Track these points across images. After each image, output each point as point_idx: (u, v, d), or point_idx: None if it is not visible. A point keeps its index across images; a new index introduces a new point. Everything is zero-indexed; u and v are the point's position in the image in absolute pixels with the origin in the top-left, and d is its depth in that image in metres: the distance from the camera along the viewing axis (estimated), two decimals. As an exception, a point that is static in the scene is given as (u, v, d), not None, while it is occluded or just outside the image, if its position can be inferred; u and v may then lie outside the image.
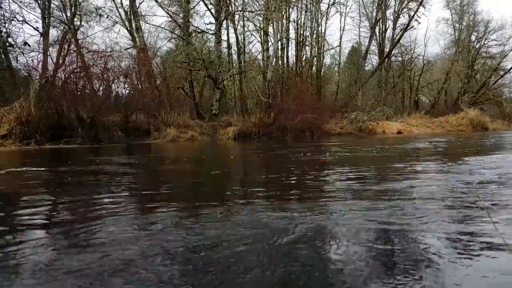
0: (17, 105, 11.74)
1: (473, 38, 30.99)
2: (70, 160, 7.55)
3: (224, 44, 21.31)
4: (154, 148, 11.83)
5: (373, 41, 27.47)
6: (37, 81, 12.51)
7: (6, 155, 8.88)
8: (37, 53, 15.42)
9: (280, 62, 23.11)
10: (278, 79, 21.63)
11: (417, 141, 11.98)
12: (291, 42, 23.87)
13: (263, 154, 8.64)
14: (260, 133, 16.24)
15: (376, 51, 28.50)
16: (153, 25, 20.25)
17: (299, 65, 23.60)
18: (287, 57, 23.74)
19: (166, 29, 20.47)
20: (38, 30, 15.87)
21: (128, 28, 18.66)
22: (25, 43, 12.53)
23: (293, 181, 3.99)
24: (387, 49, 27.43)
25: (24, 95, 11.94)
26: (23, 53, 12.72)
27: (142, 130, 15.45)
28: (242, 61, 21.89)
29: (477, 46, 30.72)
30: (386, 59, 27.23)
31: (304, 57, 24.30)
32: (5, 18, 13.92)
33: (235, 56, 22.69)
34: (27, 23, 15.53)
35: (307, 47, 24.53)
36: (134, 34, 18.35)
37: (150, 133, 15.42)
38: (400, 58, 29.28)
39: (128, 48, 18.53)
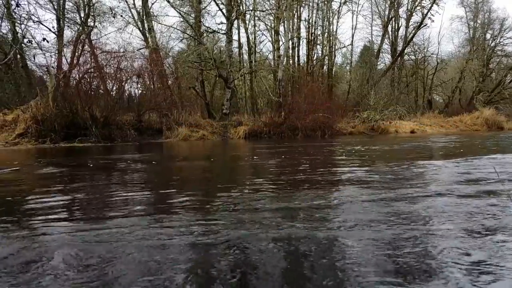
0: (33, 104, 11.98)
1: (488, 36, 30.46)
2: (91, 157, 7.68)
3: (235, 44, 21.39)
4: (167, 146, 11.93)
5: (385, 39, 27.22)
6: (55, 77, 12.73)
7: (24, 153, 9.07)
8: (52, 53, 15.71)
9: (291, 61, 23.07)
10: (289, 78, 21.60)
11: (431, 140, 11.83)
12: (302, 41, 23.83)
13: (277, 153, 8.65)
14: (270, 133, 16.24)
15: (389, 49, 28.23)
16: (165, 25, 20.51)
17: (310, 64, 23.51)
18: (298, 56, 23.70)
19: (178, 29, 20.62)
20: (52, 31, 16.17)
21: (141, 29, 18.87)
22: (44, 39, 12.74)
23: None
24: (399, 48, 27.14)
25: (40, 94, 12.18)
26: (41, 49, 12.95)
27: (155, 129, 15.60)
28: (253, 61, 21.91)
29: (492, 44, 30.16)
30: (399, 58, 26.94)
31: (315, 56, 24.22)
32: (22, 18, 14.20)
33: (246, 56, 22.76)
34: (42, 24, 15.86)
35: (318, 46, 24.44)
36: (147, 34, 18.55)
37: (162, 132, 15.56)
38: (413, 57, 28.93)
39: (140, 49, 18.73)
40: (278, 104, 18.23)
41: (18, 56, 15.50)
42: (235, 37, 21.05)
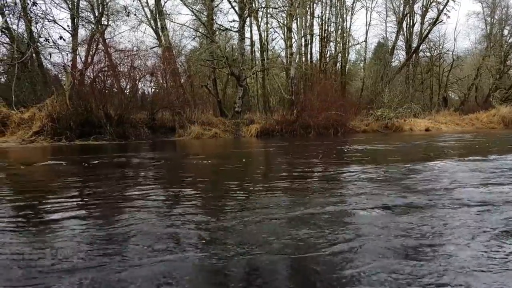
0: (49, 103, 12.15)
1: (505, 32, 29.64)
2: (109, 154, 7.74)
3: (247, 42, 21.35)
4: (180, 144, 11.97)
5: (400, 36, 26.77)
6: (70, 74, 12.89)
7: (40, 151, 9.20)
8: (67, 52, 15.88)
9: (303, 58, 22.91)
10: (302, 76, 21.45)
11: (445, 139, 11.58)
12: (315, 38, 23.64)
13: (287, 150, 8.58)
14: (283, 131, 16.15)
15: (403, 46, 27.76)
16: (177, 23, 20.52)
17: (323, 61, 23.30)
18: (311, 54, 23.51)
19: (190, 28, 20.68)
20: (67, 30, 16.33)
21: (154, 27, 18.97)
22: (60, 37, 12.92)
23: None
24: (414, 44, 26.66)
25: (55, 93, 12.34)
26: (58, 48, 13.12)
27: (168, 127, 15.69)
28: (265, 58, 21.84)
29: (510, 40, 29.35)
30: (414, 55, 26.48)
31: (328, 53, 23.99)
32: (37, 17, 14.37)
33: (258, 54, 22.71)
34: (57, 23, 16.04)
35: (331, 43, 24.22)
36: (159, 32, 18.62)
37: (175, 130, 15.64)
38: (428, 54, 28.37)
39: (153, 47, 18.85)
40: (291, 102, 18.13)
41: (34, 55, 15.70)
42: (247, 34, 21.04)
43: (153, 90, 18.73)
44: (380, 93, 21.66)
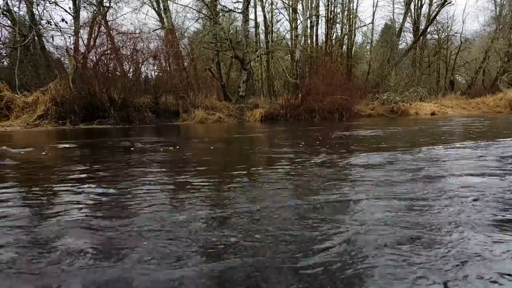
0: (52, 86, 12.08)
1: (515, 14, 28.89)
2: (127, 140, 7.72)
3: (252, 23, 20.96)
4: (184, 129, 11.93)
5: (407, 18, 26.19)
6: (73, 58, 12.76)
7: (44, 134, 9.20)
8: (69, 35, 15.69)
9: (309, 41, 22.52)
10: (307, 58, 21.14)
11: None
12: (321, 20, 23.15)
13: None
14: (287, 115, 16.03)
15: (411, 28, 27.20)
16: (180, 5, 20.14)
17: (329, 44, 22.89)
18: (317, 36, 23.08)
19: (193, 9, 20.31)
20: (69, 12, 16.08)
21: (156, 9, 18.66)
22: (62, 20, 12.73)
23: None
24: (422, 27, 26.09)
25: (58, 76, 12.26)
26: (60, 31, 12.95)
27: (172, 111, 15.62)
28: (270, 41, 21.50)
29: (520, 22, 28.64)
30: (421, 37, 25.95)
31: (334, 36, 23.54)
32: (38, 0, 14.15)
33: (262, 36, 22.32)
34: (58, 5, 15.79)
35: (337, 25, 23.73)
36: (162, 14, 18.33)
37: (179, 115, 15.58)
38: (436, 36, 27.82)
39: (156, 29, 18.57)
40: (295, 86, 17.93)
41: (36, 38, 15.54)
42: (251, 16, 20.60)
43: (156, 73, 18.60)
44: (386, 76, 21.35)
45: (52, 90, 11.87)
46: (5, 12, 13.74)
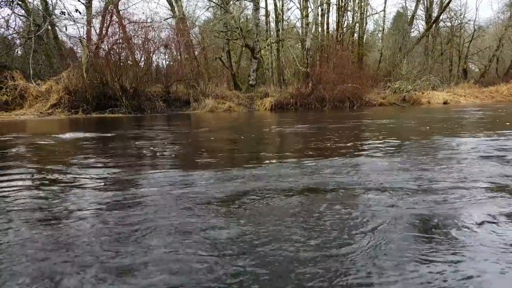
0: (65, 76, 12.26)
1: (531, 0, 28.08)
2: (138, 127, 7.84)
3: (262, 12, 20.80)
4: (195, 118, 12.01)
5: (420, 5, 25.70)
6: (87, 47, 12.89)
7: (57, 123, 9.37)
8: (82, 24, 15.82)
9: (319, 29, 22.28)
10: (317, 47, 20.96)
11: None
12: (332, 8, 22.85)
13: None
14: (297, 104, 16.00)
15: (423, 16, 26.71)
16: (191, -7, 20.02)
17: (340, 32, 22.62)
18: (327, 24, 22.79)
19: (203, -3, 20.21)
20: (82, 1, 16.19)
21: (167, -3, 18.65)
22: (76, 10, 12.86)
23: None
24: (435, 14, 25.60)
25: (72, 65, 12.42)
26: (74, 21, 13.08)
27: (182, 100, 15.72)
28: (280, 29, 21.33)
29: (536, 9, 27.84)
30: (434, 25, 25.45)
31: (345, 23, 23.24)
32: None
33: (273, 24, 22.17)
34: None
35: (349, 13, 23.41)
36: (173, 3, 18.31)
37: (190, 104, 15.67)
38: (448, 24, 27.29)
39: (167, 18, 18.59)
40: (306, 75, 17.84)
41: (49, 27, 15.69)
42: (262, 4, 20.45)
43: (167, 62, 18.65)
44: (398, 64, 21.07)
45: (65, 79, 12.05)
46: (19, 2, 13.88)
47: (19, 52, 17.97)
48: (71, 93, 11.94)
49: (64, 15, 12.56)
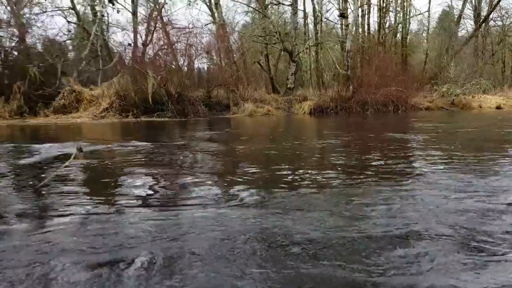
0: (115, 81, 12.85)
1: None
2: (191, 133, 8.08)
3: (301, 14, 20.68)
4: (235, 123, 12.17)
5: (467, 3, 24.43)
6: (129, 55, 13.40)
7: (119, 127, 9.84)
8: (127, 31, 16.58)
9: (360, 30, 21.83)
10: (358, 49, 20.51)
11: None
12: (373, 8, 22.31)
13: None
14: (337, 108, 15.75)
15: (471, 15, 25.35)
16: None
17: (382, 33, 22.02)
18: (368, 25, 22.31)
19: (243, 3, 20.44)
20: (128, 10, 16.93)
21: (208, 4, 19.04)
22: (118, 11, 13.51)
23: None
24: (484, 13, 24.24)
25: (121, 71, 13.01)
26: (122, 29, 13.71)
27: (223, 104, 15.98)
28: (319, 31, 21.10)
29: None
30: (483, 24, 24.11)
31: (387, 24, 22.60)
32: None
33: (311, 26, 21.98)
34: (118, 3, 16.68)
35: (391, 13, 22.74)
36: (213, 9, 18.67)
37: (230, 108, 15.89)
38: (499, 23, 25.67)
39: (207, 24, 18.97)
40: (346, 77, 17.51)
41: (100, 34, 16.51)
42: (300, 6, 20.33)
43: (207, 66, 19.01)
44: (445, 67, 20.14)
45: (116, 84, 12.62)
46: (72, 9, 14.72)
47: (72, 57, 19.05)
48: (122, 98, 12.49)
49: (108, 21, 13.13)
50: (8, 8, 14.83)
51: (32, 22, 15.57)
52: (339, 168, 3.51)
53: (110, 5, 16.03)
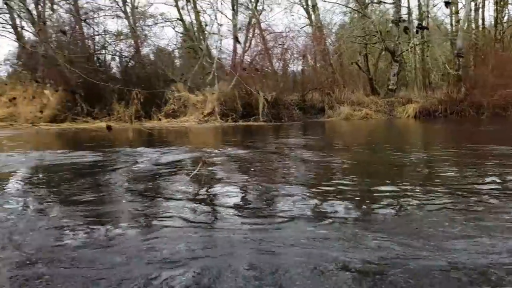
0: (217, 88, 13.82)
1: None
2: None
3: (404, 10, 19.32)
4: (329, 126, 12.00)
5: None
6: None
7: (212, 131, 10.58)
8: (227, 38, 17.68)
9: (473, 25, 19.48)
10: (471, 46, 18.36)
11: None
12: (488, 2, 19.68)
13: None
14: (446, 111, 14.42)
15: None
16: (329, 2, 19.98)
17: (500, 28, 19.33)
18: (483, 19, 19.75)
19: (341, 4, 19.96)
20: (229, 18, 17.98)
21: (305, 7, 19.09)
22: (220, 25, 14.49)
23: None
24: None
25: (222, 79, 13.96)
26: (221, 35, 14.61)
27: (317, 108, 15.91)
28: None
29: None
30: None
31: (505, 18, 19.74)
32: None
33: (416, 22, 20.34)
34: (221, 12, 17.89)
35: (510, 5, 19.78)
36: (310, 11, 18.65)
37: (324, 111, 15.72)
38: None
39: (303, 27, 19.02)
40: (457, 78, 15.90)
41: (203, 42, 17.88)
42: (404, 3, 18.99)
43: (302, 69, 19.09)
44: None
45: (217, 90, 13.57)
46: (179, 19, 16.25)
47: (178, 64, 21.00)
48: (223, 103, 13.38)
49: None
50: (126, 22, 17.04)
51: (146, 34, 17.62)
52: (452, 186, 3.19)
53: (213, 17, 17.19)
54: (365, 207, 2.61)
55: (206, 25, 18.22)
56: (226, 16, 18.29)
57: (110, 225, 2.26)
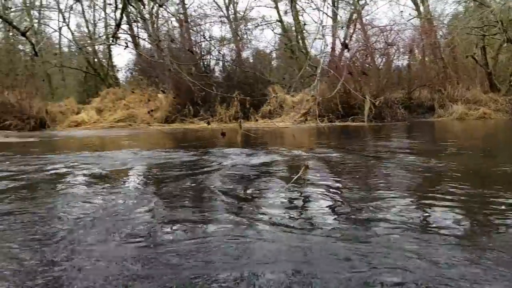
0: (313, 87, 13.58)
1: None
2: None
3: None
4: (440, 127, 10.81)
5: None
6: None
7: (307, 132, 10.46)
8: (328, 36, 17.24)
9: None
10: None
11: None
12: None
13: None
14: None
15: None
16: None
17: None
18: None
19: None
20: (329, 15, 17.53)
21: (412, -2, 17.61)
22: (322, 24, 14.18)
23: None
24: None
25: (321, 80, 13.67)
26: (323, 35, 14.43)
27: (425, 106, 14.63)
28: None
29: None
30: None
31: None
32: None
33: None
34: (320, 10, 17.52)
35: None
36: (418, 2, 17.13)
37: (434, 110, 14.35)
38: None
39: (410, 19, 17.52)
40: None
41: (300, 42, 17.89)
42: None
43: (408, 64, 17.65)
44: None
45: (314, 91, 13.32)
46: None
47: (275, 64, 21.37)
48: (319, 103, 13.08)
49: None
50: (228, 26, 17.94)
51: (247, 37, 18.31)
52: None
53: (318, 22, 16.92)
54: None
55: (305, 24, 18.17)
56: (326, 15, 17.76)
57: (211, 224, 2.41)
